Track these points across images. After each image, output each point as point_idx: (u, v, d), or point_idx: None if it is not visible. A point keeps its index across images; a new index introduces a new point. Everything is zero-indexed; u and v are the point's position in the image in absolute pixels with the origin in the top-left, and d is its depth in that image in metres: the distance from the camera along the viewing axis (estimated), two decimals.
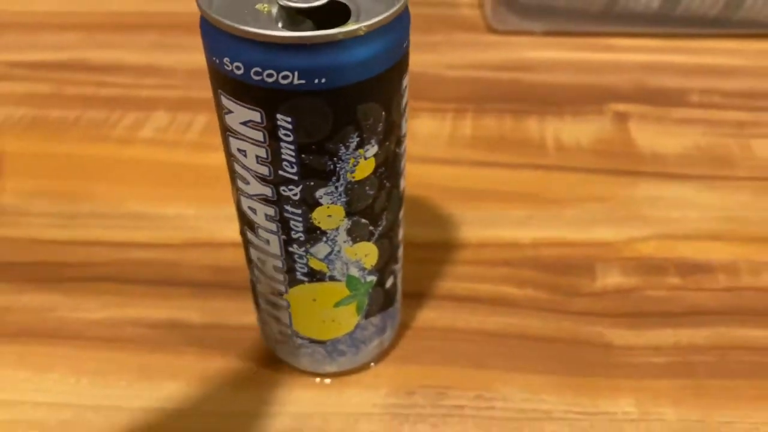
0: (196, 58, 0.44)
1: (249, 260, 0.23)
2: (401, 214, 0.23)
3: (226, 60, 0.17)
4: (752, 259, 0.31)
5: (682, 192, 0.35)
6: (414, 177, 0.35)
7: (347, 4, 0.19)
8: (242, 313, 0.28)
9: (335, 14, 0.18)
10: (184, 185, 0.35)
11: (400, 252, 0.24)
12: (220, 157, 0.36)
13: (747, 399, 0.26)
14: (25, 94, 0.41)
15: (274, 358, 0.27)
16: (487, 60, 0.45)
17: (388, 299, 0.25)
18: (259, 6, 0.18)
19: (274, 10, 0.18)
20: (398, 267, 0.25)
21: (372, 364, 0.27)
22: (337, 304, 0.23)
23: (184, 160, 0.37)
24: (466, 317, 0.29)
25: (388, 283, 0.24)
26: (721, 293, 0.30)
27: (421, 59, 0.45)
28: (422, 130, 0.39)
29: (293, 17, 0.19)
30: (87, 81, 0.43)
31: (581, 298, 0.29)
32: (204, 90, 0.42)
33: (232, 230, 0.32)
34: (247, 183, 0.20)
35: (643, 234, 0.32)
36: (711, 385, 0.26)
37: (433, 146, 0.38)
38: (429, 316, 0.29)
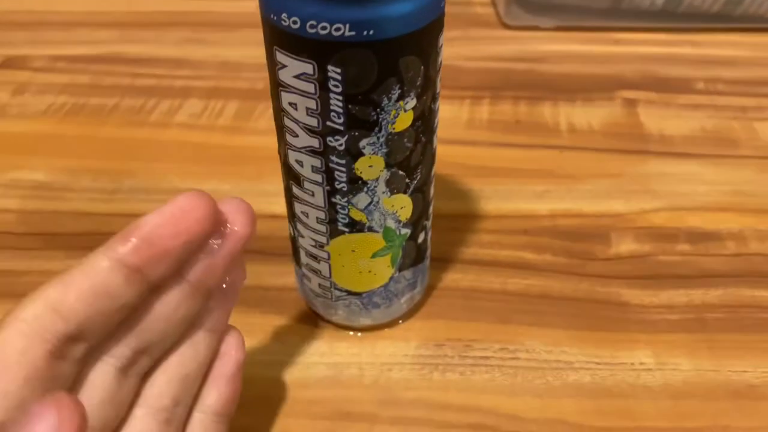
0: (227, 52, 0.47)
1: (292, 215, 0.25)
2: (433, 170, 0.25)
3: (283, 15, 0.19)
4: (759, 228, 0.33)
5: (689, 169, 0.37)
6: (437, 157, 0.38)
7: None
8: (280, 275, 0.30)
9: None
10: (219, 164, 0.37)
11: (431, 209, 0.26)
12: (252, 140, 0.39)
13: (757, 351, 0.27)
14: (66, 84, 0.44)
15: (311, 315, 0.29)
16: (501, 52, 0.47)
17: (420, 254, 0.26)
18: None
19: None
20: (429, 224, 0.26)
21: (400, 321, 0.29)
22: (374, 255, 0.25)
23: (218, 142, 0.39)
24: (489, 279, 0.30)
25: (420, 237, 0.26)
26: (730, 258, 0.31)
27: None
28: (441, 115, 0.41)
29: None
30: (123, 72, 0.45)
31: (598, 262, 0.31)
32: (235, 80, 0.44)
33: (265, 203, 0.34)
34: (296, 136, 0.22)
35: (654, 206, 0.34)
36: (723, 338, 0.28)
37: (452, 129, 0.40)
38: (454, 277, 0.30)
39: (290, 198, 0.25)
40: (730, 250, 0.32)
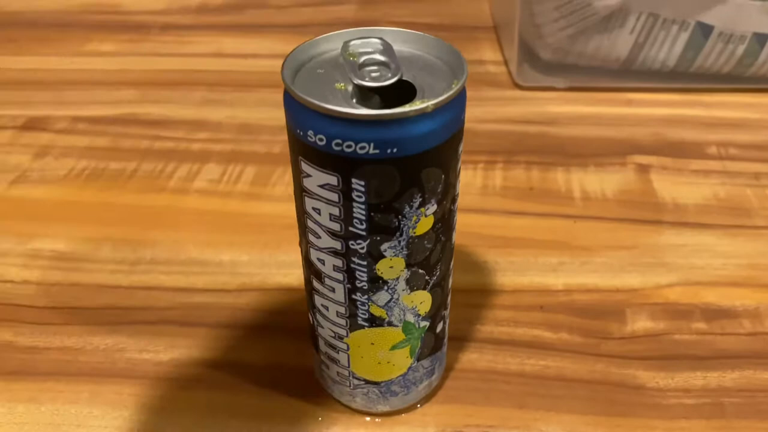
0: (243, 113, 0.48)
1: (312, 306, 0.26)
2: (452, 264, 0.25)
3: (309, 132, 0.20)
4: None
5: (703, 240, 0.37)
6: None
7: (412, 82, 0.21)
8: (298, 355, 0.30)
9: (400, 90, 0.21)
10: (237, 232, 0.38)
11: (449, 299, 0.27)
12: (269, 207, 0.39)
13: None
14: (86, 147, 0.44)
15: (328, 398, 0.29)
16: (513, 114, 0.48)
17: (438, 343, 0.27)
18: (337, 85, 0.21)
19: (349, 87, 0.21)
20: (447, 313, 0.27)
21: (418, 405, 0.29)
22: (393, 348, 0.25)
23: (236, 209, 0.39)
24: (506, 359, 0.30)
25: (439, 327, 0.26)
26: (746, 338, 0.31)
27: None
28: None
29: (365, 94, 0.21)
30: (142, 135, 0.46)
31: (613, 341, 0.31)
32: (252, 143, 0.45)
33: (282, 276, 0.35)
34: (319, 237, 0.23)
35: (669, 280, 0.34)
36: (741, 426, 0.28)
37: (466, 197, 0.40)
38: (470, 358, 0.31)
39: (311, 290, 0.25)
40: (746, 328, 0.32)
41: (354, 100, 0.21)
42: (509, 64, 0.52)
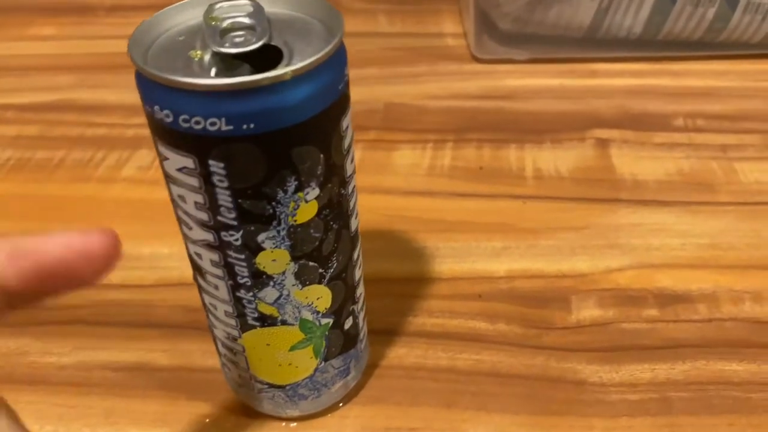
0: None
1: (203, 305, 0.23)
2: (356, 254, 0.23)
3: (156, 108, 0.17)
4: (733, 288, 0.30)
5: (662, 218, 0.34)
6: (392, 209, 0.35)
7: (281, 48, 0.19)
8: (210, 355, 0.28)
9: (273, 58, 0.18)
10: (162, 223, 0.35)
11: (359, 292, 0.24)
12: None
13: None
14: (13, 137, 0.42)
15: (239, 402, 0.26)
16: (469, 89, 0.45)
17: (349, 340, 0.24)
18: (191, 53, 0.18)
19: (207, 56, 0.18)
20: (358, 307, 0.24)
21: (341, 404, 0.26)
22: (292, 348, 0.23)
23: (163, 198, 0.36)
24: (437, 354, 0.28)
25: (347, 324, 0.24)
26: (700, 324, 0.29)
27: (403, 90, 0.45)
28: (402, 161, 0.39)
29: (229, 62, 0.19)
30: (74, 122, 0.43)
31: (555, 331, 0.29)
32: None
33: None
34: (191, 228, 0.20)
35: (621, 264, 0.32)
36: (688, 422, 0.25)
37: (412, 178, 0.38)
38: (398, 353, 0.28)
39: (198, 288, 0.23)
40: (701, 314, 0.29)
41: (215, 70, 0.18)
42: (468, 36, 0.49)
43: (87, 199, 0.37)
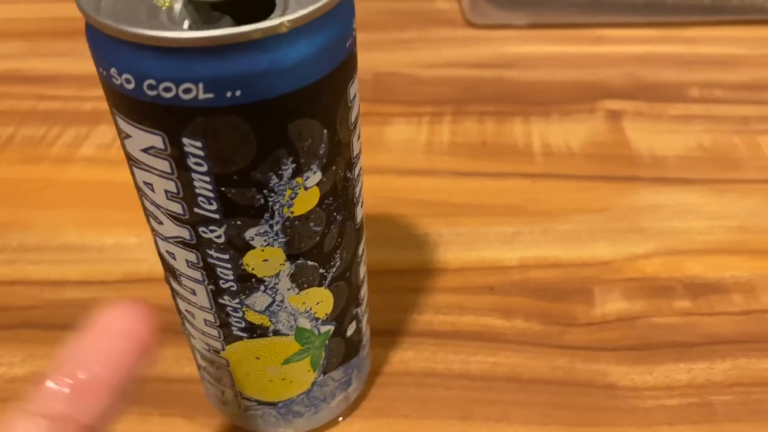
0: None
1: (178, 311, 0.19)
2: (361, 249, 0.19)
3: (113, 71, 0.13)
4: None
5: (686, 199, 0.31)
6: (388, 192, 0.32)
7: None
8: (186, 362, 0.24)
9: (260, 9, 0.14)
10: (127, 209, 0.30)
11: (363, 292, 0.20)
12: None
13: None
14: None
15: (222, 417, 0.23)
16: (465, 57, 0.41)
17: (352, 349, 0.21)
18: (158, 0, 0.14)
19: (178, 5, 0.14)
20: (362, 310, 0.21)
21: (340, 419, 0.23)
22: (286, 361, 0.19)
23: (127, 180, 0.32)
24: (447, 357, 0.25)
25: (350, 330, 0.20)
26: (737, 317, 0.26)
27: (393, 58, 0.41)
28: (396, 137, 0.35)
29: (206, 14, 0.15)
30: (24, 94, 0.38)
31: (578, 328, 0.26)
32: None
33: None
34: (161, 223, 0.16)
35: (646, 249, 0.28)
36: (734, 430, 0.22)
37: (408, 156, 0.34)
38: (404, 357, 0.25)
39: (172, 292, 0.19)
40: (737, 306, 0.26)
41: (187, 24, 0.14)
42: None
43: (40, 181, 0.33)
